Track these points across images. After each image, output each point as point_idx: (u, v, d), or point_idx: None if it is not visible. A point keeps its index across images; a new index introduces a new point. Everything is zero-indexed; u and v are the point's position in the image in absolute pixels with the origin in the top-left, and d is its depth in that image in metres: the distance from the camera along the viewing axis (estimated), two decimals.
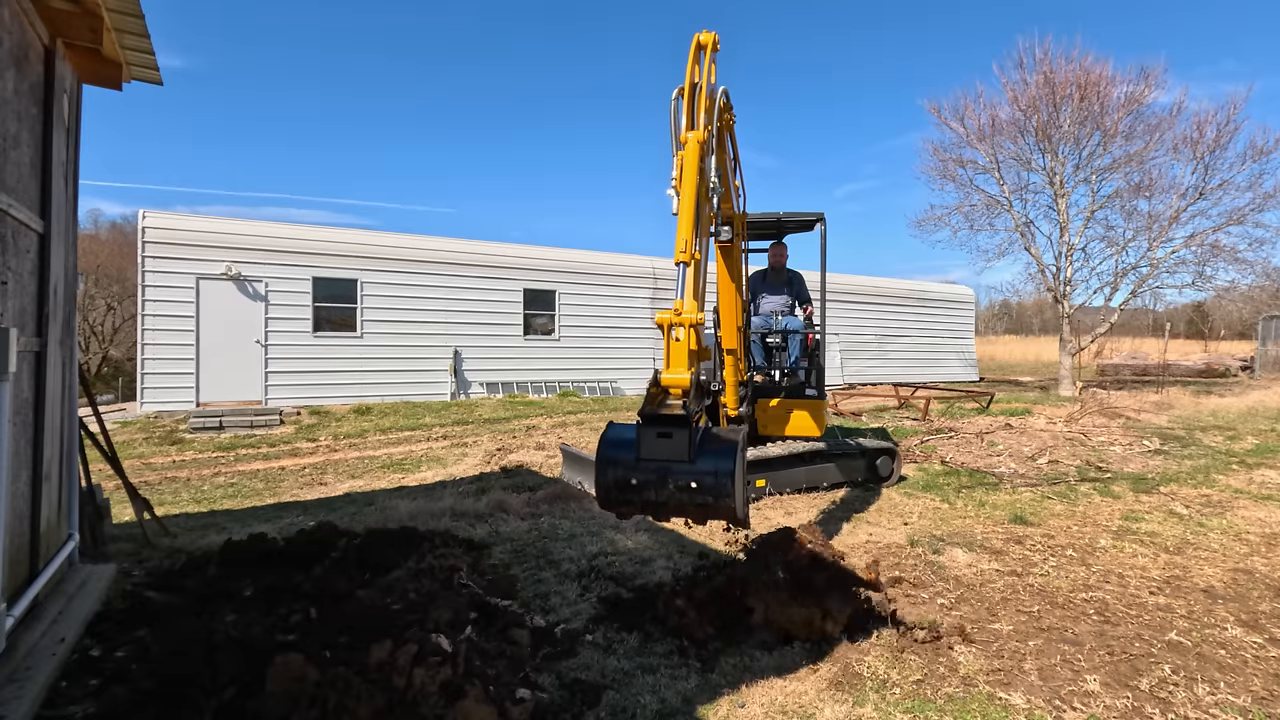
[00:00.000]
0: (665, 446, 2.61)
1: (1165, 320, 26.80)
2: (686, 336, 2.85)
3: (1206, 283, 17.03)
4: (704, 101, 3.47)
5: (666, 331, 2.88)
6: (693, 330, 2.87)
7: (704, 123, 3.40)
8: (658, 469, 2.60)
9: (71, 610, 3.11)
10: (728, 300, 5.75)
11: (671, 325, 2.86)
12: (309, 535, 4.12)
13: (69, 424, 3.80)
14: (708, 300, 3.72)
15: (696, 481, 2.56)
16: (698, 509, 2.62)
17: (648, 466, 2.61)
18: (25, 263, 3.08)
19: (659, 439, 2.63)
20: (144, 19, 3.58)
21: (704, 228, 3.37)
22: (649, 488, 2.61)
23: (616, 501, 2.70)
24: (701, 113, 3.44)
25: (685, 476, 2.57)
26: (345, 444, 9.96)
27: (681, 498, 2.58)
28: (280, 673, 2.27)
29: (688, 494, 2.57)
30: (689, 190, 3.17)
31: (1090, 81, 15.99)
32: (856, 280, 20.94)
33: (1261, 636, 3.44)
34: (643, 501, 2.64)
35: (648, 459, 2.62)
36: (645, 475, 2.61)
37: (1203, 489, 6.75)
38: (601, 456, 2.69)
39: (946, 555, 4.63)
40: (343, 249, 13.53)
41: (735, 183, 5.22)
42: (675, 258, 3.09)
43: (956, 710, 2.69)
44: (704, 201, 3.35)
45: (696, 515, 2.68)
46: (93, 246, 25.72)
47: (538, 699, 2.53)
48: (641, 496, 2.63)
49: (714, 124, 3.48)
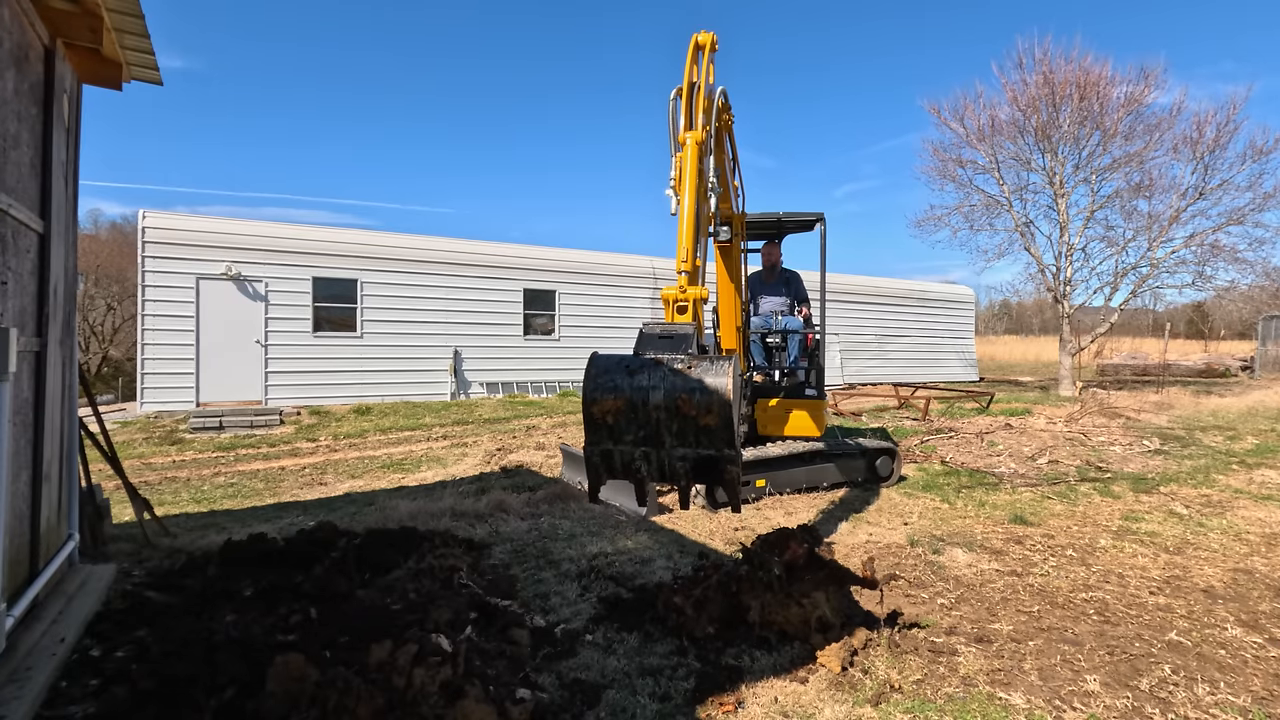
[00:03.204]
0: (666, 345, 2.59)
1: (1165, 320, 26.82)
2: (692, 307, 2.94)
3: (1206, 283, 17.05)
4: (702, 102, 3.47)
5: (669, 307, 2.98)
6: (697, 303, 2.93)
7: (702, 123, 3.40)
8: (656, 358, 2.56)
9: (71, 610, 3.11)
10: (726, 300, 5.75)
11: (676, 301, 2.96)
12: (309, 535, 4.11)
13: (69, 424, 3.80)
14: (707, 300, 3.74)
15: (694, 366, 2.47)
16: (691, 398, 2.45)
17: (645, 358, 2.57)
18: (25, 263, 3.08)
19: (660, 339, 2.61)
20: (144, 19, 3.58)
21: (703, 228, 3.38)
22: (644, 371, 2.53)
23: (605, 388, 2.56)
24: (699, 113, 3.44)
25: (683, 362, 2.50)
26: (345, 444, 9.96)
27: (675, 381, 2.47)
28: (280, 673, 2.27)
29: (681, 378, 2.46)
30: (690, 192, 3.17)
31: (1090, 81, 15.99)
32: (856, 280, 20.94)
33: (1261, 636, 3.44)
34: (636, 388, 2.52)
35: (644, 352, 2.60)
36: (642, 364, 2.55)
37: (1203, 489, 6.75)
38: (597, 356, 2.66)
39: (946, 555, 4.63)
40: (343, 249, 13.53)
41: (734, 183, 5.23)
42: (677, 266, 3.11)
43: (956, 710, 2.69)
44: (703, 202, 3.35)
45: (687, 413, 2.47)
46: (93, 246, 25.71)
47: (538, 699, 2.53)
48: (634, 383, 2.52)
49: (712, 124, 3.48)
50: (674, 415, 2.50)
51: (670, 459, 2.58)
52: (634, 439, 2.59)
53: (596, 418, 2.61)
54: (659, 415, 2.52)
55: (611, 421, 2.60)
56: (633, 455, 2.63)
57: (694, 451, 2.54)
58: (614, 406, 2.57)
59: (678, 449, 2.56)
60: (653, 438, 2.57)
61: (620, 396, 2.55)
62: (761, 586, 3.28)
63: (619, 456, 2.66)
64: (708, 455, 2.54)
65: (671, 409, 2.49)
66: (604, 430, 2.63)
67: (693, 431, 2.51)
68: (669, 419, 2.51)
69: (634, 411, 2.55)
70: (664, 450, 2.58)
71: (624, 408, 2.56)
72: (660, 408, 2.51)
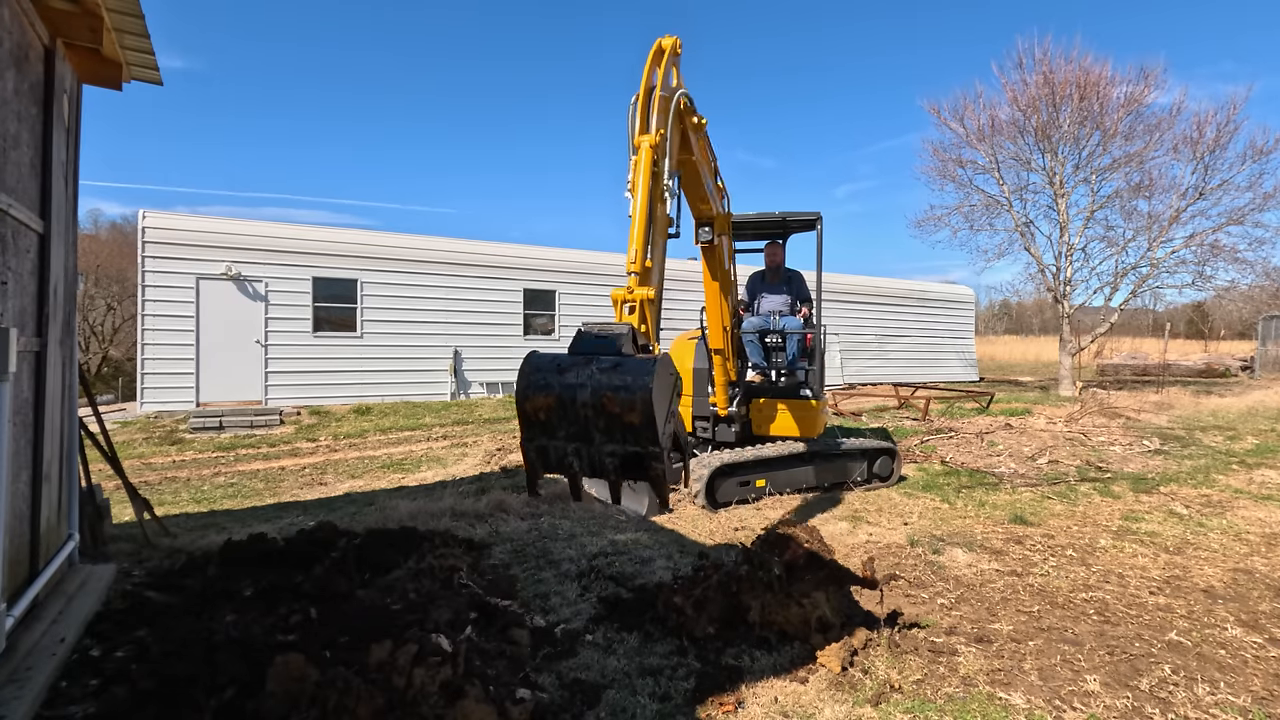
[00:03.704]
0: (601, 344, 2.71)
1: (1165, 320, 26.82)
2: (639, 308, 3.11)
3: (1206, 283, 17.06)
4: (657, 105, 3.54)
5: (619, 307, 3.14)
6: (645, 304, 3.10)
7: (656, 126, 3.48)
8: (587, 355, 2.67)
9: (71, 610, 3.10)
10: (713, 300, 5.77)
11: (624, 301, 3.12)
12: (309, 535, 4.11)
13: (69, 424, 3.80)
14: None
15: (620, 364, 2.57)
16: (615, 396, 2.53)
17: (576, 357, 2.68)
18: (25, 263, 3.08)
19: (596, 339, 2.74)
20: (144, 19, 3.58)
21: (659, 230, 3.46)
22: (573, 370, 2.63)
23: (537, 386, 2.66)
24: (654, 116, 3.51)
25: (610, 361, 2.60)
26: (345, 444, 9.96)
27: (601, 380, 2.56)
28: (280, 673, 2.27)
29: (607, 375, 2.56)
30: (642, 195, 3.29)
31: (1090, 82, 15.99)
32: (856, 280, 20.94)
33: (1261, 636, 3.44)
34: (565, 385, 2.62)
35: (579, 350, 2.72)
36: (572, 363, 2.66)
37: (1203, 489, 6.75)
38: (532, 355, 2.77)
39: (946, 555, 4.63)
40: (343, 249, 13.53)
41: (718, 184, 5.26)
42: (626, 267, 3.24)
43: (956, 710, 2.69)
44: (658, 204, 3.43)
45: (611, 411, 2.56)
46: (93, 246, 25.71)
47: (538, 699, 2.53)
48: (563, 381, 2.61)
49: (667, 127, 3.56)
50: (600, 413, 2.58)
51: (599, 455, 2.67)
52: (566, 435, 2.69)
53: (529, 414, 2.71)
54: (586, 413, 2.60)
55: (543, 418, 2.69)
56: (565, 450, 2.72)
57: (621, 448, 2.62)
58: (545, 404, 2.67)
59: (606, 445, 2.64)
60: (583, 434, 2.65)
61: (551, 394, 2.64)
62: (761, 586, 3.28)
63: (552, 452, 2.75)
64: (634, 452, 2.62)
65: (598, 407, 2.57)
66: (538, 426, 2.72)
67: (619, 429, 2.59)
68: (595, 416, 2.59)
69: (564, 409, 2.64)
70: (593, 446, 2.66)
71: (555, 405, 2.65)
72: (587, 405, 2.59)
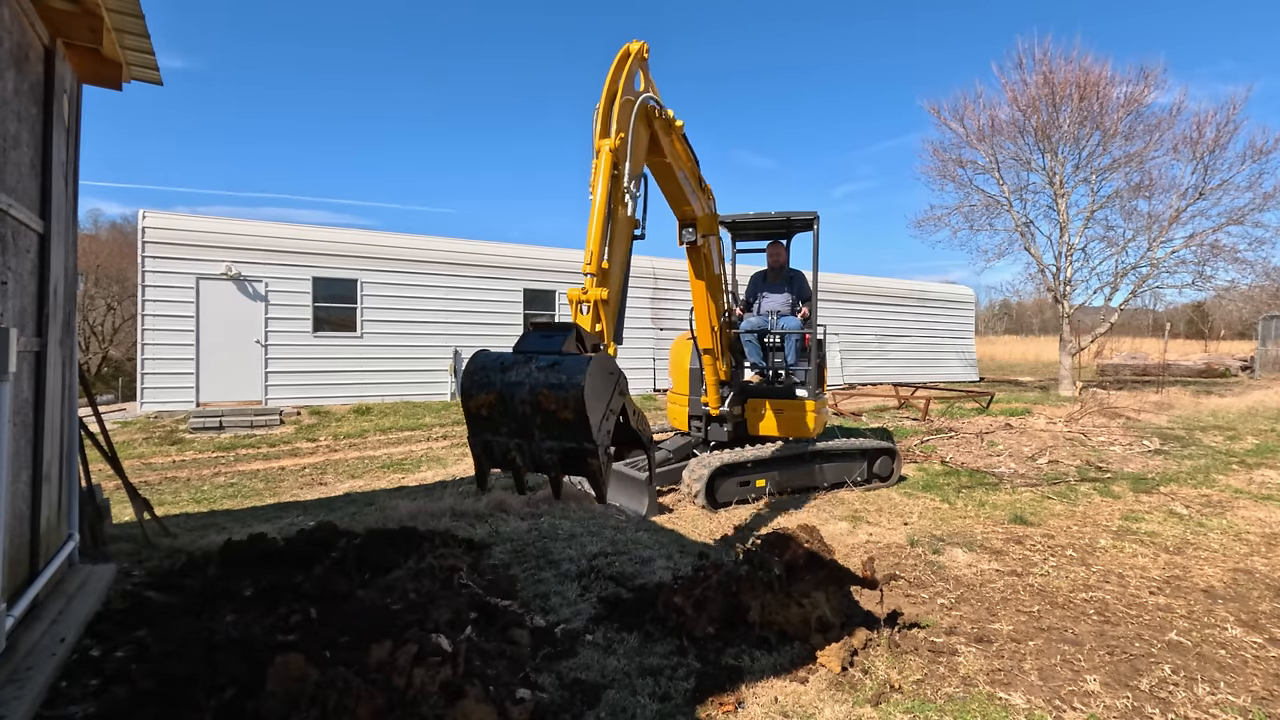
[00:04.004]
0: (544, 342, 2.81)
1: (1165, 320, 26.83)
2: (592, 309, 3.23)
3: (1206, 283, 17.06)
4: (619, 109, 3.62)
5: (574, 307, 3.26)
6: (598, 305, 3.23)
7: (617, 129, 3.56)
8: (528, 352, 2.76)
9: (71, 610, 3.10)
10: (700, 300, 5.78)
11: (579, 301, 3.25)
12: (309, 535, 4.11)
13: (69, 424, 3.80)
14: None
15: (557, 363, 2.66)
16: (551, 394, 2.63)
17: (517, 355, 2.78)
18: (25, 263, 3.08)
19: (541, 337, 2.84)
20: (144, 19, 3.58)
21: (619, 232, 3.55)
22: (514, 368, 2.72)
23: (479, 384, 2.76)
24: (615, 120, 3.58)
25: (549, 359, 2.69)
26: (345, 444, 9.96)
27: (538, 378, 2.65)
28: (280, 673, 2.27)
29: (544, 374, 2.65)
30: (601, 198, 3.39)
31: (1090, 82, 16.00)
32: (856, 280, 20.94)
33: (1261, 636, 3.44)
34: (505, 384, 2.70)
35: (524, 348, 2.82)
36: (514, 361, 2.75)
37: (1203, 489, 6.75)
38: (477, 354, 2.86)
39: (946, 555, 4.63)
40: (343, 249, 13.52)
41: (703, 185, 5.30)
42: (583, 268, 3.34)
43: (956, 710, 2.69)
44: (619, 206, 3.52)
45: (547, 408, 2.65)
46: (93, 246, 25.71)
47: (538, 699, 2.53)
48: (504, 379, 2.70)
49: (628, 131, 3.63)
50: (537, 410, 2.67)
51: (540, 451, 2.76)
52: (508, 431, 2.78)
53: (473, 411, 2.80)
54: (525, 410, 2.69)
55: (487, 414, 2.78)
56: (508, 446, 2.80)
57: (559, 444, 2.71)
58: (487, 401, 2.76)
59: (545, 441, 2.72)
60: (524, 430, 2.74)
61: (492, 391, 2.74)
62: (761, 586, 3.28)
63: (496, 447, 2.84)
64: (571, 448, 2.70)
65: (535, 404, 2.66)
66: (482, 422, 2.81)
67: (556, 425, 2.67)
68: (533, 413, 2.68)
69: (505, 406, 2.73)
70: (534, 442, 2.75)
71: (496, 402, 2.74)
72: (526, 402, 2.68)
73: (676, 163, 4.73)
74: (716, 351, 6.02)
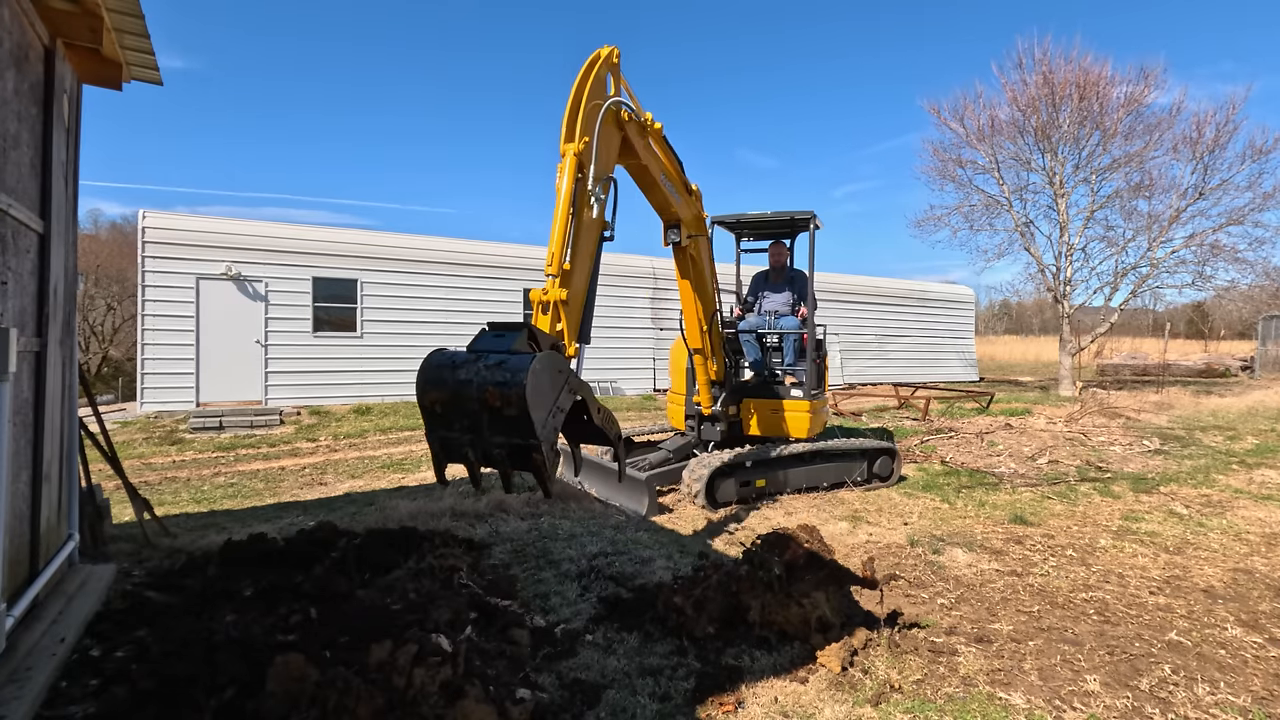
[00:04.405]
0: (496, 341, 2.91)
1: (1165, 320, 26.84)
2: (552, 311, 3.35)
3: (1206, 283, 17.05)
4: (583, 114, 3.72)
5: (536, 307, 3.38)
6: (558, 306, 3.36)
7: (581, 134, 3.67)
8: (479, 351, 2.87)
9: (71, 610, 3.10)
10: (687, 299, 5.79)
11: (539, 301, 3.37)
12: (309, 535, 4.11)
13: (69, 424, 3.80)
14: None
15: (504, 361, 2.76)
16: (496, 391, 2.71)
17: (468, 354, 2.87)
18: (25, 263, 3.08)
19: (494, 337, 2.93)
20: (144, 19, 3.58)
21: (583, 234, 3.65)
22: (464, 366, 2.81)
23: (432, 382, 2.87)
24: (579, 124, 3.69)
25: (497, 358, 2.79)
26: (345, 444, 9.96)
27: (485, 376, 2.75)
28: (280, 673, 2.27)
29: (490, 372, 2.75)
30: (563, 201, 3.51)
31: (1089, 82, 15.99)
32: (856, 280, 20.93)
33: (1261, 636, 3.44)
34: (456, 381, 2.80)
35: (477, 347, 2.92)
36: (466, 360, 2.84)
37: (1203, 489, 6.75)
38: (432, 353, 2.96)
39: (946, 555, 4.63)
40: (343, 249, 13.52)
41: (689, 186, 5.32)
42: (544, 270, 3.46)
43: (956, 710, 2.69)
44: (584, 209, 3.62)
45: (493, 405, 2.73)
46: (93, 246, 25.69)
47: (538, 699, 2.53)
48: (455, 377, 2.81)
49: (593, 135, 3.72)
50: (484, 407, 2.77)
51: (490, 446, 2.85)
52: (460, 427, 2.87)
53: (427, 408, 2.91)
54: (473, 406, 2.79)
55: (440, 411, 2.88)
56: (461, 442, 2.90)
57: (506, 440, 2.80)
58: (440, 398, 2.86)
59: (494, 437, 2.81)
60: (474, 426, 2.84)
61: (444, 389, 2.84)
62: (761, 586, 3.29)
63: (451, 443, 2.94)
64: (518, 443, 2.79)
65: (482, 401, 2.76)
66: (436, 419, 2.92)
67: (502, 421, 2.77)
68: (481, 410, 2.78)
69: (456, 403, 2.82)
70: (483, 438, 2.84)
71: (448, 399, 2.84)
72: (474, 400, 2.78)
73: (654, 165, 4.80)
74: (706, 351, 6.04)
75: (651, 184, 4.89)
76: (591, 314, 3.78)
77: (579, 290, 3.60)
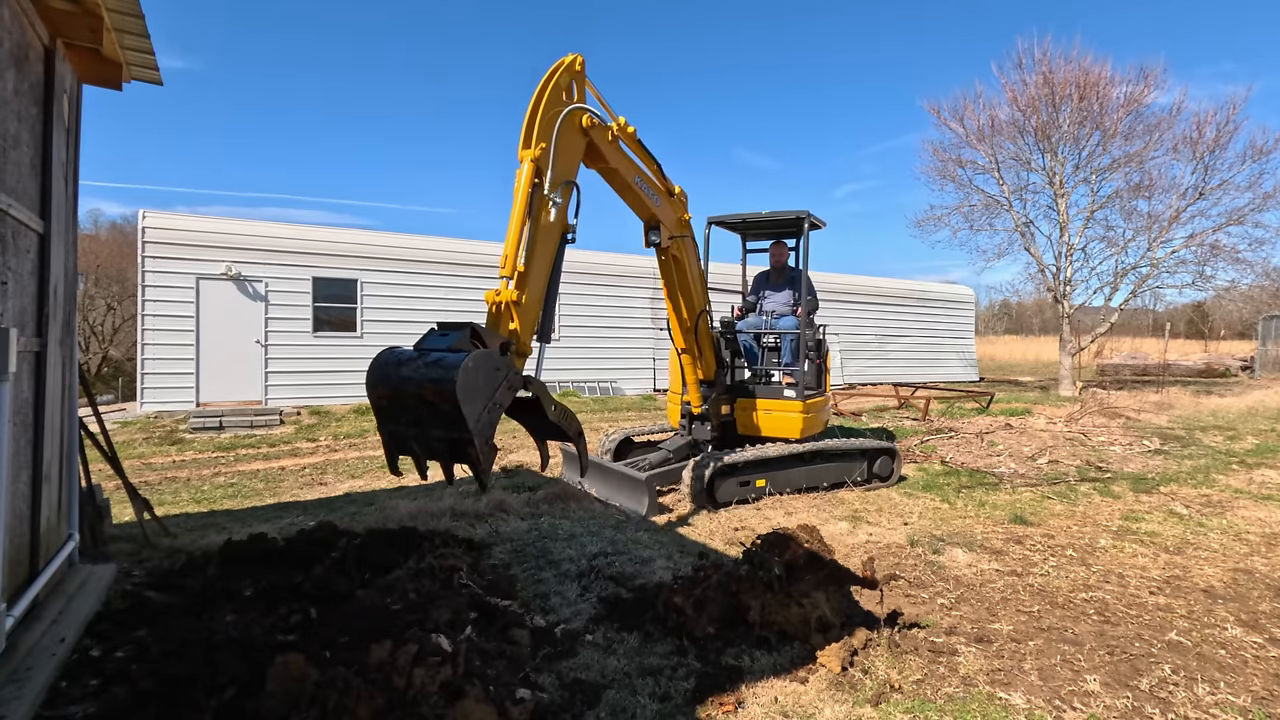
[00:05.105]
0: (442, 340, 3.03)
1: (1165, 320, 26.85)
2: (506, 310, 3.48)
3: (1206, 283, 17.06)
4: (540, 121, 3.83)
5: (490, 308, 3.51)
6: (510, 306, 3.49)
7: (537, 140, 3.79)
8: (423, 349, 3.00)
9: (71, 610, 3.11)
10: (671, 299, 5.80)
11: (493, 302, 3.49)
12: (309, 535, 4.11)
13: (69, 424, 3.80)
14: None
15: (441, 359, 2.88)
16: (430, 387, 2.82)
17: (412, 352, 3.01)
18: (25, 263, 3.08)
19: (440, 336, 3.06)
20: (144, 19, 3.58)
21: (545, 236, 3.76)
22: (407, 364, 2.94)
23: (378, 378, 2.99)
24: (536, 131, 3.81)
25: (436, 355, 2.91)
26: (345, 444, 9.96)
27: (423, 373, 2.87)
28: (280, 673, 2.27)
29: (427, 369, 2.87)
30: (519, 206, 3.62)
31: (1089, 82, 15.99)
32: (857, 280, 20.94)
33: (1261, 636, 3.44)
34: (398, 378, 2.92)
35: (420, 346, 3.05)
36: (410, 358, 2.97)
37: (1203, 489, 6.75)
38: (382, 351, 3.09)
39: (946, 555, 4.63)
40: (343, 249, 13.52)
41: (670, 186, 5.35)
42: (499, 271, 3.57)
43: (956, 710, 2.69)
44: (542, 212, 3.73)
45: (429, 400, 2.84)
46: (93, 246, 25.70)
47: (538, 699, 2.53)
48: (399, 374, 2.93)
49: (549, 142, 3.83)
50: (422, 402, 2.88)
51: (431, 439, 2.97)
52: (405, 421, 3.00)
53: (375, 403, 3.05)
54: (413, 402, 2.91)
55: (386, 405, 3.01)
56: (407, 435, 3.03)
57: (445, 433, 2.91)
58: (386, 394, 2.98)
59: (434, 430, 2.93)
60: (416, 420, 2.95)
61: (389, 385, 2.97)
62: (761, 586, 3.28)
63: (398, 436, 3.06)
64: (455, 437, 2.89)
65: (419, 396, 2.87)
66: (384, 413, 3.05)
67: (438, 416, 2.87)
68: (419, 405, 2.89)
69: (399, 398, 2.95)
70: (425, 431, 2.96)
71: (392, 395, 2.96)
72: (413, 395, 2.89)
73: (625, 168, 4.85)
74: (694, 351, 6.06)
75: (624, 187, 4.94)
76: (553, 313, 3.87)
77: (536, 291, 3.69)
